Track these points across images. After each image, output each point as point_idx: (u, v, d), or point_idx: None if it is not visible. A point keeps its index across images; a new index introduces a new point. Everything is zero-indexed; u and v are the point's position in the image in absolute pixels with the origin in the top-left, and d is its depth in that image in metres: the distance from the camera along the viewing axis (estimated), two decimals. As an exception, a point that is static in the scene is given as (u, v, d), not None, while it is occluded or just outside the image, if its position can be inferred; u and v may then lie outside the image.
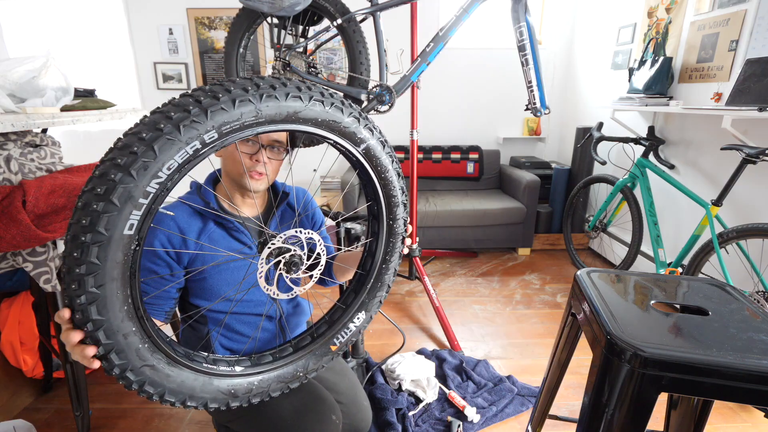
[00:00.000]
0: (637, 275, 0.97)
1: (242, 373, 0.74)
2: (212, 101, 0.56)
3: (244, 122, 0.59)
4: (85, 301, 0.55)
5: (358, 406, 1.15)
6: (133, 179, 0.53)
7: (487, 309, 2.42)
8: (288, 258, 0.74)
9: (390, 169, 0.80)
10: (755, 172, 1.89)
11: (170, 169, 0.56)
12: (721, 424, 1.58)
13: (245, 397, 0.74)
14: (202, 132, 0.56)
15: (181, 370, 0.66)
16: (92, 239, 0.53)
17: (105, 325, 0.57)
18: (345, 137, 0.72)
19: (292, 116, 0.64)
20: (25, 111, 1.30)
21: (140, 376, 0.62)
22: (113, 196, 0.53)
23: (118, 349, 0.59)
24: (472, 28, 3.50)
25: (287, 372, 0.80)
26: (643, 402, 0.66)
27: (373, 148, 0.76)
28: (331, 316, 0.88)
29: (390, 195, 0.82)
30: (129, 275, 0.58)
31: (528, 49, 1.48)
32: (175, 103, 0.56)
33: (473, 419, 1.55)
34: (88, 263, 0.53)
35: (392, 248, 0.87)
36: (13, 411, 1.59)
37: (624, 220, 2.62)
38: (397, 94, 1.56)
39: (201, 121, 0.56)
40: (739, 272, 1.89)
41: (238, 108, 0.58)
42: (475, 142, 3.68)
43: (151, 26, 3.34)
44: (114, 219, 0.53)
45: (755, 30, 1.89)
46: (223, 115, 0.57)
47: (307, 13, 1.52)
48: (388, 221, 0.85)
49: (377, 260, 0.86)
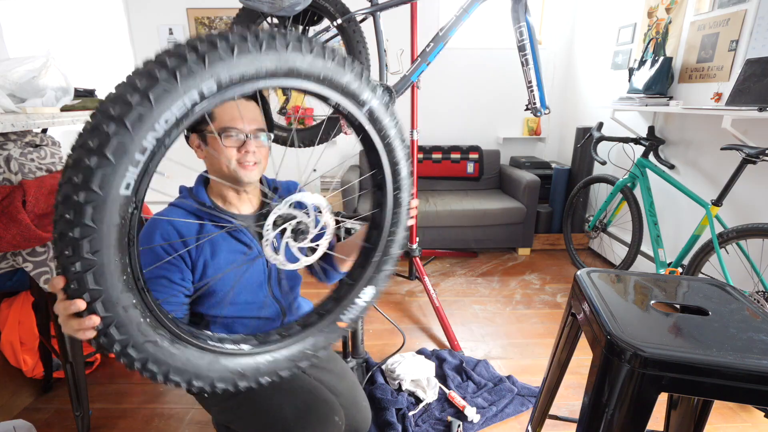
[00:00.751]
0: (637, 275, 0.97)
1: (250, 352, 0.71)
2: (210, 48, 0.53)
3: (245, 74, 0.56)
4: (80, 269, 0.51)
5: (358, 407, 1.15)
6: (127, 131, 0.49)
7: (487, 309, 2.42)
8: (294, 224, 0.70)
9: (394, 133, 0.77)
10: (755, 172, 1.89)
11: (168, 123, 0.52)
12: (721, 424, 1.58)
13: (253, 377, 0.71)
14: (200, 82, 0.52)
15: (186, 348, 0.63)
16: (86, 198, 0.49)
17: (103, 296, 0.53)
18: (348, 97, 0.68)
19: (294, 70, 0.60)
20: (25, 111, 1.30)
21: (143, 353, 0.58)
22: (107, 150, 0.48)
23: (119, 323, 0.55)
24: (472, 28, 3.50)
25: (295, 350, 0.77)
26: (643, 402, 0.66)
27: (377, 110, 0.72)
28: (337, 292, 0.84)
29: (394, 162, 0.79)
30: (127, 242, 0.54)
31: (528, 49, 1.48)
32: (171, 51, 0.52)
33: (473, 419, 1.55)
34: (82, 226, 0.49)
35: (398, 219, 0.84)
36: (13, 411, 1.59)
37: (624, 220, 2.62)
38: (397, 94, 1.56)
39: (199, 70, 0.52)
40: (739, 272, 1.89)
41: (238, 57, 0.54)
42: (475, 142, 3.68)
43: (151, 26, 3.34)
44: (109, 176, 0.49)
45: (755, 30, 1.89)
46: (221, 65, 0.53)
47: (307, 13, 1.52)
48: (394, 191, 0.81)
49: (383, 232, 0.83)
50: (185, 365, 0.63)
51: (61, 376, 1.73)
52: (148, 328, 0.58)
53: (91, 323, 0.53)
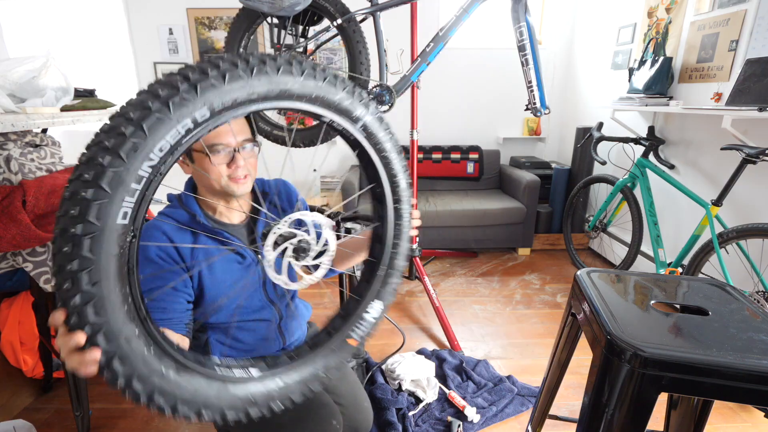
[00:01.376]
0: (637, 275, 0.97)
1: (260, 377, 0.69)
2: (201, 77, 0.53)
3: (237, 99, 0.56)
4: (80, 302, 0.50)
5: (359, 407, 1.15)
6: (123, 162, 0.49)
7: (487, 309, 2.42)
8: (296, 243, 0.69)
9: (390, 146, 0.76)
10: (755, 172, 1.89)
11: (162, 150, 0.52)
12: (721, 424, 1.58)
13: (265, 403, 0.69)
14: (193, 110, 0.53)
15: (192, 377, 0.61)
16: (83, 230, 0.49)
17: (105, 328, 0.52)
18: (341, 114, 0.68)
19: (286, 92, 0.60)
20: (25, 111, 1.30)
21: (148, 385, 0.56)
22: (103, 182, 0.49)
23: (122, 356, 0.54)
24: (472, 28, 3.50)
25: (306, 373, 0.75)
26: (643, 402, 0.66)
27: (371, 125, 0.72)
28: (345, 310, 0.83)
29: (392, 175, 0.78)
30: (127, 271, 0.53)
31: (528, 49, 1.48)
32: (163, 82, 0.53)
33: (473, 419, 1.55)
34: (80, 258, 0.49)
35: (400, 231, 0.83)
36: (13, 411, 1.59)
37: (624, 220, 2.62)
38: (397, 94, 1.56)
39: (191, 98, 0.52)
40: (739, 272, 1.89)
41: (229, 83, 0.55)
42: (475, 142, 3.68)
43: (151, 26, 3.34)
44: (106, 207, 0.49)
45: (755, 30, 1.89)
46: (213, 92, 0.54)
47: (307, 13, 1.52)
48: (394, 203, 0.80)
49: (387, 245, 0.82)
50: (193, 396, 0.60)
51: (61, 376, 1.73)
52: (153, 358, 0.57)
53: (93, 357, 0.52)
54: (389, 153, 0.76)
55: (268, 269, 0.69)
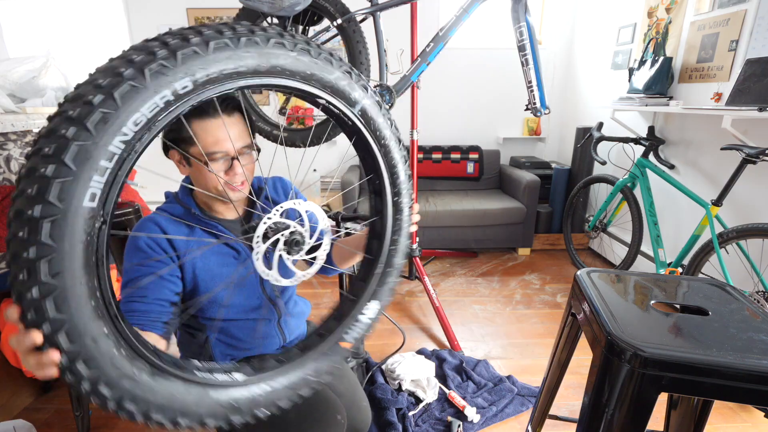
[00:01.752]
0: (637, 275, 0.97)
1: (244, 382, 0.63)
2: (182, 43, 0.47)
3: (223, 71, 0.50)
4: (37, 295, 0.43)
5: (357, 407, 1.15)
6: (90, 134, 0.43)
7: (487, 309, 2.42)
8: (288, 235, 0.65)
9: (389, 134, 0.71)
10: (755, 172, 1.89)
11: (137, 125, 0.46)
12: (721, 424, 1.58)
13: (248, 410, 0.63)
14: (172, 80, 0.47)
15: (168, 381, 0.54)
16: (42, 213, 0.42)
17: (67, 326, 0.45)
18: (338, 96, 0.63)
19: (278, 67, 0.55)
20: (25, 111, 1.30)
21: (117, 390, 0.49)
22: (65, 156, 0.42)
23: (87, 357, 0.47)
24: (472, 28, 3.50)
25: (295, 378, 0.69)
26: (643, 402, 0.66)
27: (370, 109, 0.68)
28: (339, 310, 0.77)
29: (392, 165, 0.73)
30: (95, 261, 0.46)
31: (528, 49, 1.48)
32: (138, 47, 0.47)
33: (473, 419, 1.55)
34: (38, 244, 0.42)
35: (399, 227, 0.78)
36: (13, 411, 1.59)
37: (624, 220, 2.62)
38: (397, 94, 1.56)
39: (170, 65, 0.46)
40: (739, 272, 1.89)
41: (214, 52, 0.49)
42: (475, 142, 3.68)
43: (151, 26, 3.34)
44: (69, 186, 0.43)
45: (755, 30, 1.89)
46: (196, 61, 0.48)
47: (307, 13, 1.52)
48: (393, 196, 0.75)
49: (385, 241, 0.77)
50: (169, 402, 0.54)
51: (61, 376, 1.73)
52: (124, 360, 0.50)
53: (52, 359, 0.45)
54: (389, 141, 0.72)
55: (257, 263, 0.63)
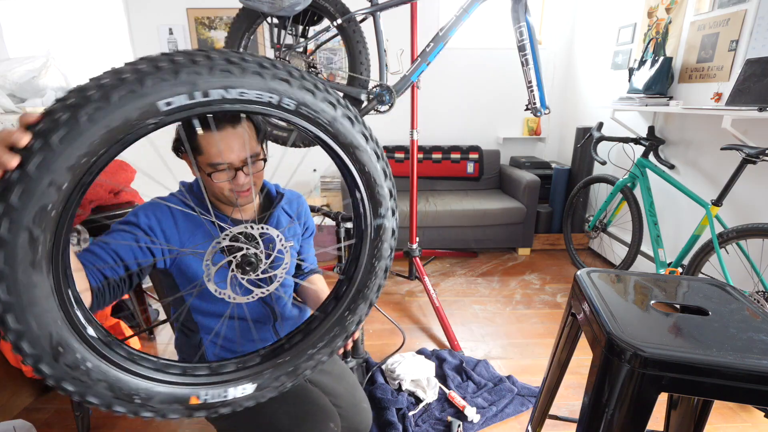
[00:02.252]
0: (637, 275, 0.97)
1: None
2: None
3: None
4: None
5: (358, 408, 1.14)
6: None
7: (487, 309, 2.42)
8: (239, 258, 0.65)
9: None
10: (755, 172, 1.89)
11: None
12: (721, 424, 1.58)
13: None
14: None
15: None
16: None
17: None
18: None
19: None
20: (25, 111, 1.30)
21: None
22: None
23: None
24: (472, 28, 3.50)
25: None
26: (643, 402, 0.66)
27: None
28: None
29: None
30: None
31: (528, 49, 1.48)
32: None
33: (473, 419, 1.55)
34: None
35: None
36: (13, 411, 1.59)
37: (624, 220, 2.62)
38: (397, 94, 1.56)
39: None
40: (739, 272, 1.89)
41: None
42: (475, 142, 3.68)
43: (151, 26, 3.34)
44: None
45: (755, 30, 1.89)
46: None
47: (307, 13, 1.52)
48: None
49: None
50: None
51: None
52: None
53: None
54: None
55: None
